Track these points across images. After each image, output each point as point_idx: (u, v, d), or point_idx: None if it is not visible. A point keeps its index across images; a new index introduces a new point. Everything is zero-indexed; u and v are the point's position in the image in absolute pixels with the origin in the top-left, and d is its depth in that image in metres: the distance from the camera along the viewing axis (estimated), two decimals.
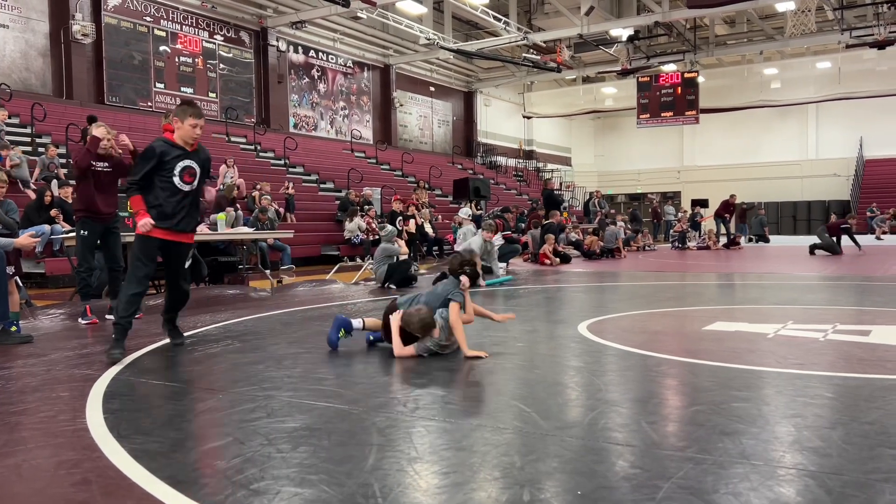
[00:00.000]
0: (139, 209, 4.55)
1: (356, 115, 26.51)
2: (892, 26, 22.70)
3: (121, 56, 18.64)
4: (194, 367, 4.21)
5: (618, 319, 6.08)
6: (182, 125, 4.63)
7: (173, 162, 4.59)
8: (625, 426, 2.87)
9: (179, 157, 4.62)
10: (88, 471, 2.43)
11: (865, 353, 4.29)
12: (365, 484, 2.24)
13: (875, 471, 2.28)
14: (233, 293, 8.47)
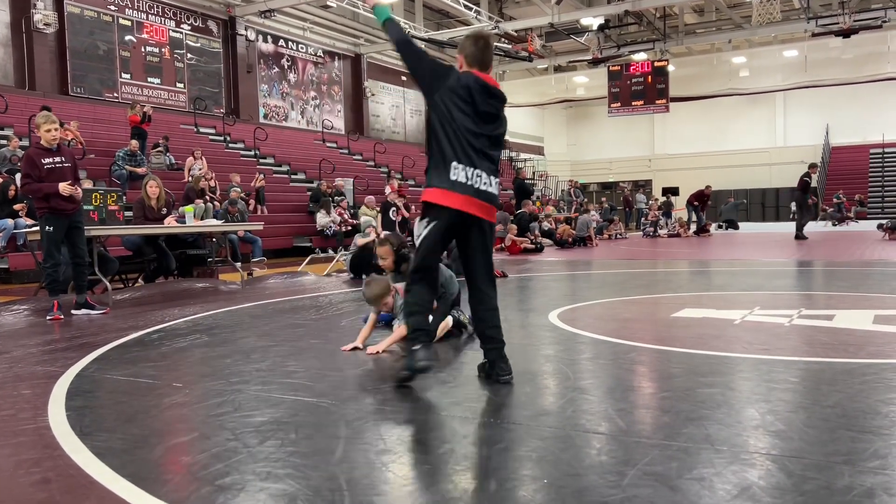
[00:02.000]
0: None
1: (327, 105, 26.30)
2: (856, 15, 23.06)
3: (85, 46, 18.26)
4: (161, 362, 4.15)
5: (589, 307, 6.12)
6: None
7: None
8: (593, 414, 2.89)
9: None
10: (48, 470, 2.38)
11: (829, 337, 4.36)
12: (332, 477, 2.22)
13: (835, 453, 2.32)
14: (202, 286, 8.37)
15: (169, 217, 8.32)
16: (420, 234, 3.39)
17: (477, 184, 3.28)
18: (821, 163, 30.90)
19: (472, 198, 3.27)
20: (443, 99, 3.32)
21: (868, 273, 8.52)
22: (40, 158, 6.14)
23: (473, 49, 3.43)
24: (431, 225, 3.31)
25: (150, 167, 14.14)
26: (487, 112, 3.34)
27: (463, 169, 3.26)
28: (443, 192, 3.27)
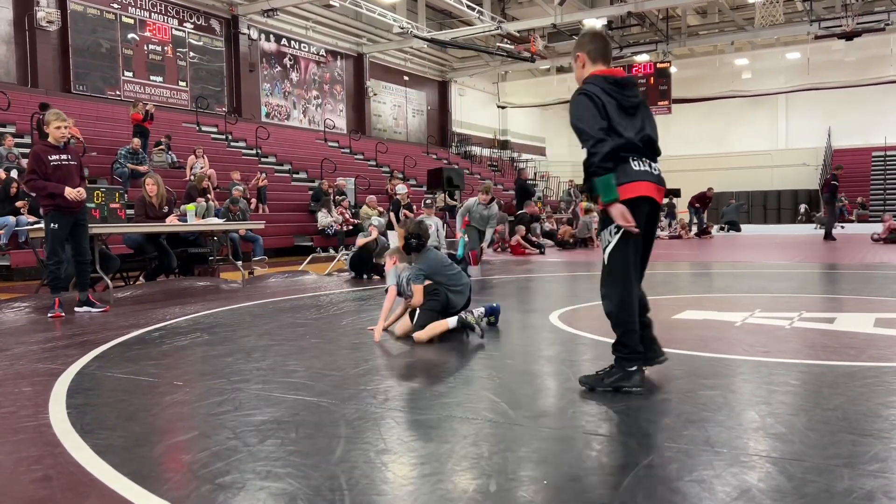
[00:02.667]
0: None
1: (329, 105, 26.31)
2: (859, 17, 23.03)
3: (87, 44, 18.28)
4: (162, 361, 4.15)
5: (590, 309, 6.11)
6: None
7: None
8: (594, 415, 2.89)
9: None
10: (50, 467, 2.38)
11: (830, 340, 4.36)
12: (332, 476, 2.23)
13: (835, 456, 2.32)
14: (203, 285, 8.38)
15: (170, 215, 8.33)
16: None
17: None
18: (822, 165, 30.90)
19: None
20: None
21: (870, 276, 8.52)
22: (47, 155, 6.16)
23: (599, 44, 3.35)
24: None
25: (151, 165, 14.14)
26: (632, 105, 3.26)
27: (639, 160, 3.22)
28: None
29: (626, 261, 3.16)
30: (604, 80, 3.21)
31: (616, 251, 3.15)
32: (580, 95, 3.17)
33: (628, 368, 3.16)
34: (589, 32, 3.45)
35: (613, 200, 3.07)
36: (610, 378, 3.18)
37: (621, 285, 3.17)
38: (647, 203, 3.17)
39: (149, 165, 13.91)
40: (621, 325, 3.17)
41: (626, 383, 3.15)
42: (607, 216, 3.14)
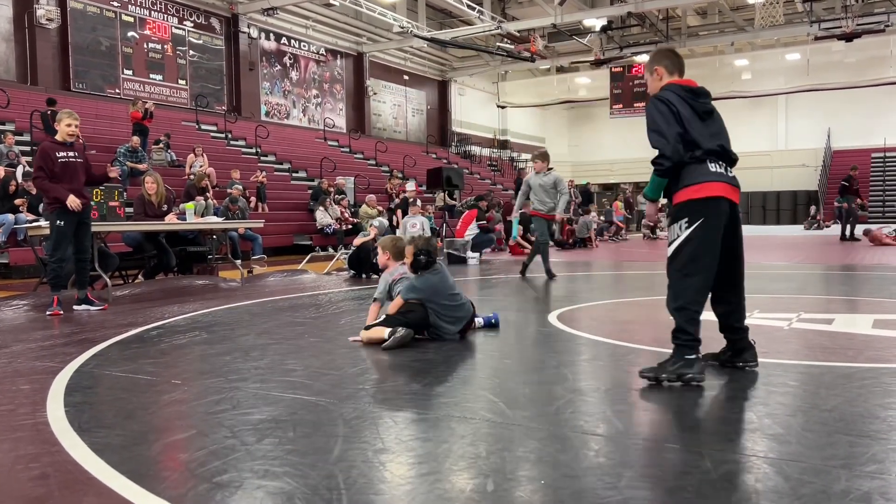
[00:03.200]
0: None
1: (329, 104, 26.30)
2: (859, 19, 23.02)
3: (87, 42, 18.25)
4: (160, 359, 4.15)
5: (588, 309, 6.12)
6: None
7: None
8: (591, 415, 2.89)
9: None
10: (47, 465, 2.38)
11: (828, 341, 4.36)
12: (329, 476, 2.23)
13: (832, 457, 2.32)
14: (202, 283, 8.38)
15: (170, 214, 8.32)
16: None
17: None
18: (822, 166, 30.90)
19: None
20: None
21: (868, 277, 8.52)
22: (55, 152, 6.22)
23: (675, 59, 3.60)
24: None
25: (150, 164, 14.13)
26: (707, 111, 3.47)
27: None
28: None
29: (695, 255, 3.29)
30: (680, 87, 3.43)
31: (684, 245, 3.31)
32: (657, 101, 3.39)
33: (688, 356, 3.25)
34: (663, 49, 3.77)
35: (655, 200, 3.54)
36: (673, 366, 3.28)
37: (683, 276, 3.31)
38: (725, 202, 3.33)
39: (148, 164, 13.90)
40: (681, 314, 3.29)
41: (689, 370, 3.24)
42: (679, 211, 3.35)
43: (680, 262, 3.33)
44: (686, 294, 3.29)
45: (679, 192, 3.36)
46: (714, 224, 3.30)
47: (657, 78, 3.56)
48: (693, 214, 3.29)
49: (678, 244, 3.33)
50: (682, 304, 3.29)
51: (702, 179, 3.29)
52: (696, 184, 3.29)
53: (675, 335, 3.31)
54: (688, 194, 3.31)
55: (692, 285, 3.29)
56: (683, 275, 3.31)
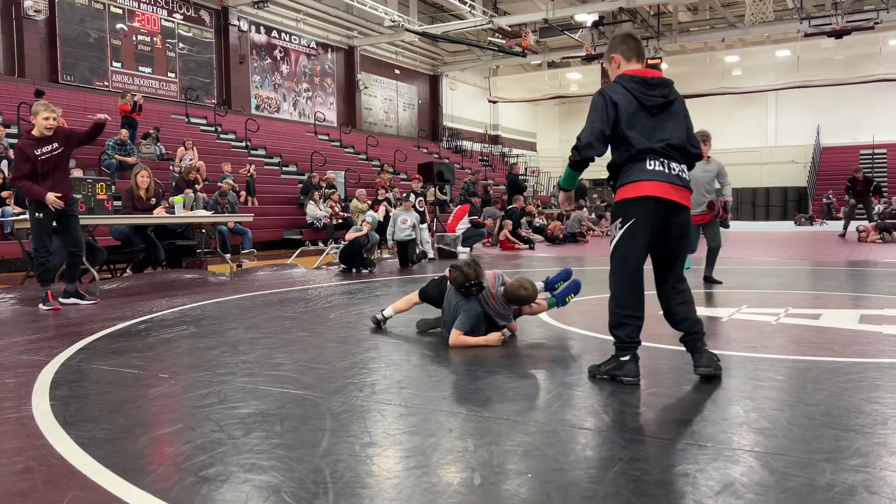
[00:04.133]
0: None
1: (320, 98, 26.19)
2: (849, 16, 23.12)
3: (76, 33, 18.10)
4: (147, 353, 4.13)
5: (578, 303, 6.12)
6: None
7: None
8: (579, 410, 2.89)
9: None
10: (31, 459, 2.37)
11: (815, 336, 4.39)
12: (316, 469, 2.22)
13: (817, 451, 2.34)
14: (190, 277, 8.34)
15: (158, 207, 8.27)
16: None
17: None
18: (811, 163, 31.07)
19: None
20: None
21: (855, 273, 8.58)
22: (32, 150, 5.99)
23: (631, 44, 3.44)
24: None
25: (139, 157, 14.05)
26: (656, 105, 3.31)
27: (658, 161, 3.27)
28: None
29: (625, 256, 3.27)
30: (630, 79, 3.28)
31: (618, 245, 3.30)
32: (598, 93, 3.28)
33: (621, 358, 3.27)
34: (620, 34, 3.57)
35: (567, 190, 3.58)
36: (607, 367, 3.33)
37: (616, 278, 3.31)
38: (651, 202, 3.20)
39: (137, 157, 13.81)
40: (612, 317, 3.31)
41: (619, 372, 3.26)
42: (615, 211, 3.31)
43: (614, 262, 3.32)
44: (618, 297, 3.29)
45: (617, 190, 3.31)
46: (644, 225, 3.21)
47: (615, 66, 3.43)
48: (625, 214, 3.24)
49: (613, 244, 3.33)
50: (613, 307, 3.30)
51: (636, 178, 3.21)
52: (631, 182, 3.22)
53: (612, 336, 3.33)
54: (622, 193, 3.26)
55: (623, 288, 3.28)
56: (617, 277, 3.30)
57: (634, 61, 3.40)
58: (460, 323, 4.22)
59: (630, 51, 3.41)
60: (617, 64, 3.42)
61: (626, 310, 3.27)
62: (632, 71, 3.35)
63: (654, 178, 3.19)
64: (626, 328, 3.26)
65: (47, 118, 6.05)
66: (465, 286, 4.26)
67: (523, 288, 4.33)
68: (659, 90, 3.30)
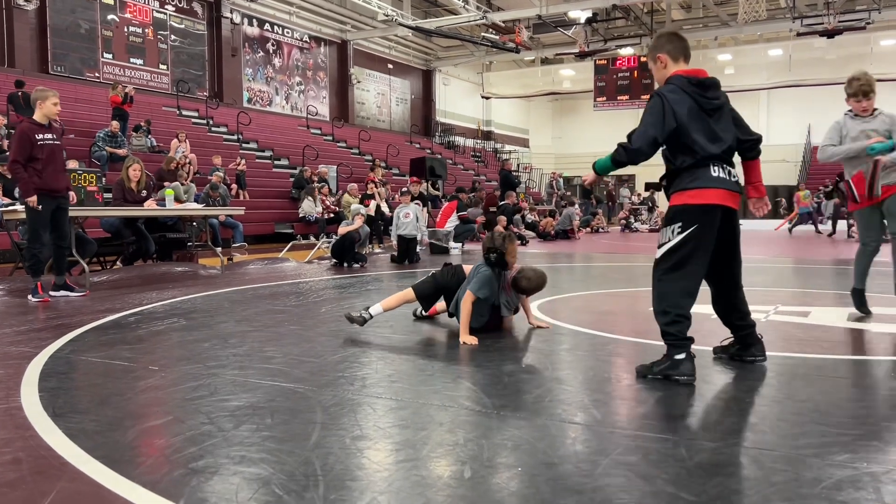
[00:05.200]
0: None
1: (312, 91, 26.11)
2: (841, 16, 23.22)
3: (66, 24, 17.96)
4: (137, 345, 4.11)
5: (569, 299, 6.15)
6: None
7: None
8: (569, 404, 2.90)
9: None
10: (20, 450, 2.36)
11: (804, 333, 4.42)
12: (306, 462, 2.22)
13: (805, 446, 2.35)
14: (181, 270, 8.30)
15: (149, 200, 8.23)
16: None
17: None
18: (802, 162, 31.23)
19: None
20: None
21: (845, 272, 8.63)
22: (34, 134, 6.01)
23: (679, 43, 3.40)
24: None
25: (130, 149, 13.96)
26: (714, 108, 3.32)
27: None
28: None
29: (685, 260, 3.21)
30: (686, 81, 3.25)
31: (676, 250, 3.22)
32: (655, 96, 3.23)
33: (675, 357, 3.20)
34: (665, 33, 3.50)
35: (599, 175, 3.44)
36: (660, 366, 3.24)
37: (671, 279, 3.24)
38: (721, 210, 3.22)
39: (127, 149, 13.73)
40: (664, 316, 3.24)
41: (673, 372, 3.19)
42: (675, 215, 3.24)
43: (667, 265, 3.26)
44: (669, 297, 3.23)
45: (676, 194, 3.26)
46: (707, 232, 3.21)
47: (661, 66, 3.39)
48: (687, 220, 3.19)
49: (669, 248, 3.25)
50: (665, 307, 3.23)
51: (701, 185, 3.19)
52: (695, 189, 3.19)
53: (663, 336, 3.26)
54: (684, 199, 3.22)
55: (676, 290, 3.23)
56: (669, 279, 3.25)
57: (682, 61, 3.37)
58: (475, 285, 4.32)
59: (677, 50, 3.37)
60: (664, 64, 3.38)
61: (678, 308, 3.21)
62: (685, 72, 3.30)
63: (718, 186, 3.20)
64: (679, 325, 3.20)
65: (56, 104, 6.10)
66: (487, 249, 4.40)
67: (525, 278, 4.48)
68: (713, 92, 3.30)
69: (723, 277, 3.45)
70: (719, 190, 3.20)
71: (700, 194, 3.19)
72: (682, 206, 3.23)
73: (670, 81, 3.28)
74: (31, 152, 5.97)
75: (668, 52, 3.37)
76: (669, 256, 3.25)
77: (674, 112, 3.17)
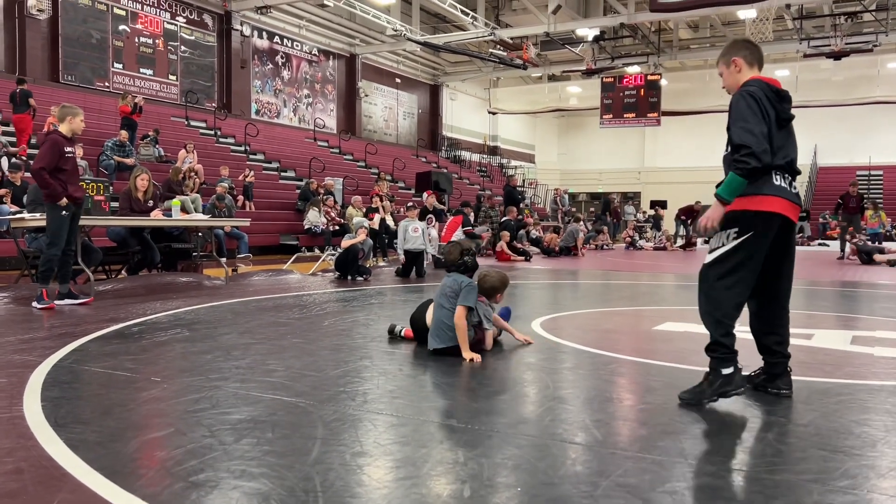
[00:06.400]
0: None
1: (320, 104, 26.25)
2: (848, 38, 23.30)
3: (78, 34, 18.13)
4: (140, 356, 4.13)
5: (572, 317, 6.14)
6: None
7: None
8: (570, 424, 2.90)
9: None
10: (22, 460, 2.36)
11: (807, 356, 4.40)
12: (306, 477, 2.22)
13: (805, 471, 2.35)
14: (185, 281, 8.33)
15: (156, 210, 8.28)
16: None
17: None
18: (808, 182, 31.19)
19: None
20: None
21: (849, 294, 8.61)
22: (63, 147, 6.23)
23: (755, 49, 3.34)
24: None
25: (138, 159, 14.04)
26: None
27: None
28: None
29: (740, 267, 3.10)
30: (769, 88, 3.17)
31: (730, 254, 3.10)
32: (747, 95, 3.10)
33: (725, 371, 3.09)
34: (739, 39, 3.45)
35: (725, 203, 3.08)
36: (712, 387, 3.11)
37: (724, 287, 3.12)
38: (780, 219, 3.11)
39: (135, 158, 13.81)
40: (717, 326, 3.12)
41: (730, 387, 3.08)
42: (731, 219, 3.11)
43: (721, 270, 3.12)
44: (723, 306, 3.11)
45: (736, 199, 3.10)
46: (763, 240, 3.09)
47: (735, 70, 3.29)
48: (745, 226, 3.07)
49: (723, 252, 3.11)
50: (719, 316, 3.11)
51: (763, 191, 3.07)
52: (757, 195, 3.07)
53: (710, 349, 3.14)
54: (744, 204, 3.08)
55: (730, 298, 3.11)
56: (723, 286, 3.11)
57: (756, 67, 3.31)
58: (463, 297, 4.21)
59: (752, 56, 3.31)
60: (738, 68, 3.30)
61: (730, 319, 3.11)
62: (762, 79, 3.20)
63: (780, 195, 3.10)
64: (732, 337, 3.11)
65: (83, 121, 6.34)
66: (461, 257, 4.36)
67: (484, 278, 4.49)
68: (788, 104, 3.22)
69: (768, 293, 3.31)
70: (781, 199, 3.09)
71: (761, 201, 3.07)
72: (740, 211, 3.09)
73: (750, 84, 3.17)
74: (59, 164, 6.13)
75: (744, 57, 3.30)
76: (722, 263, 3.12)
77: (767, 112, 3.08)
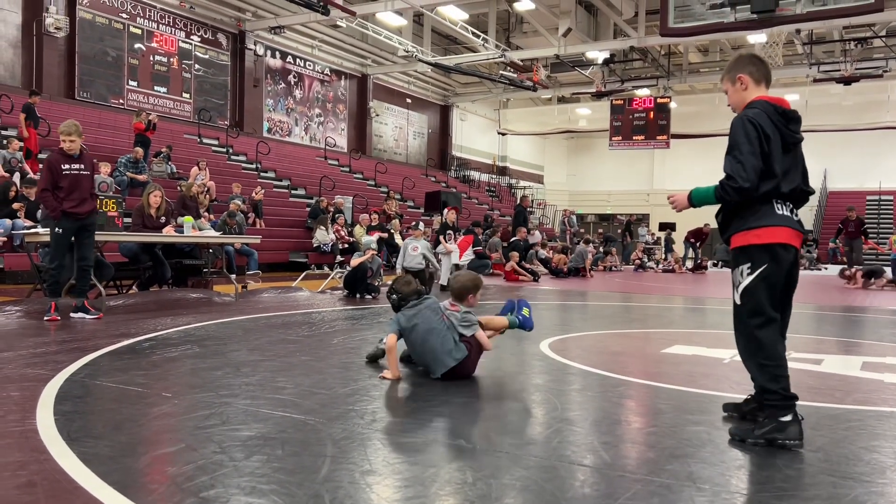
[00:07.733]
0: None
1: (331, 123, 26.46)
2: (858, 63, 23.37)
3: (94, 52, 18.40)
4: (151, 371, 4.16)
5: (580, 339, 6.14)
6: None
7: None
8: (579, 446, 2.90)
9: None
10: (35, 473, 2.39)
11: (816, 381, 4.39)
12: (316, 495, 2.24)
13: (814, 497, 2.34)
14: (196, 297, 8.38)
15: (168, 226, 8.35)
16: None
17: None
18: (818, 207, 31.12)
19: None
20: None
21: (858, 319, 8.57)
22: (60, 165, 6.34)
23: (762, 66, 3.15)
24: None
25: (150, 175, 14.18)
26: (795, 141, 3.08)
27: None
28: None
29: (762, 302, 2.95)
30: (774, 109, 2.99)
31: (752, 291, 2.97)
32: (745, 122, 2.95)
33: (781, 418, 2.90)
34: (745, 54, 3.24)
35: (694, 206, 3.16)
36: (762, 430, 2.93)
37: (756, 326, 2.97)
38: (787, 249, 2.97)
39: (148, 175, 13.95)
40: (763, 372, 2.96)
41: (780, 435, 2.89)
42: (739, 256, 3.01)
43: (749, 309, 2.98)
44: (764, 349, 2.95)
45: (739, 234, 3.00)
46: (779, 272, 2.96)
47: (741, 87, 3.11)
48: (756, 260, 2.95)
49: (744, 288, 2.98)
50: (761, 359, 2.95)
51: (766, 223, 2.94)
52: (760, 227, 2.94)
53: (764, 395, 2.98)
54: (749, 239, 2.97)
55: (767, 337, 2.95)
56: (755, 326, 2.96)
57: (763, 85, 3.12)
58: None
59: (760, 73, 3.11)
60: (744, 86, 3.11)
61: (776, 360, 2.94)
62: (769, 99, 3.03)
63: (786, 224, 2.96)
64: (783, 380, 2.92)
65: (63, 141, 6.42)
66: (404, 297, 4.23)
67: (453, 280, 4.43)
68: (795, 125, 3.04)
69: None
70: (787, 229, 2.95)
71: (767, 233, 2.94)
72: (746, 246, 2.98)
73: (755, 105, 3.01)
74: (57, 182, 6.23)
75: (751, 74, 3.10)
76: (748, 298, 2.97)
77: (767, 138, 2.92)
